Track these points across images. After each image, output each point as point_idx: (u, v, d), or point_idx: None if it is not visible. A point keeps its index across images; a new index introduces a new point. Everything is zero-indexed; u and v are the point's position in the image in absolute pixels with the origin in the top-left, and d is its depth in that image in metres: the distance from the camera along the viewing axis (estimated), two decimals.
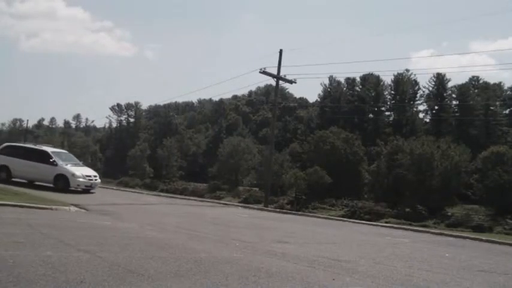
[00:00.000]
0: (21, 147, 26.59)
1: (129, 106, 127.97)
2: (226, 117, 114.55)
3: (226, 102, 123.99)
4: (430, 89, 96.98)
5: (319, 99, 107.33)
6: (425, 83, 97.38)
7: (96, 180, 24.78)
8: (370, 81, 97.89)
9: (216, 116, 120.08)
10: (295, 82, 33.33)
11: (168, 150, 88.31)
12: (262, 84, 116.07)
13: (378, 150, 69.07)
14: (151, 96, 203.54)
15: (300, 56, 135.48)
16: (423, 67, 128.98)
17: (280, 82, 33.63)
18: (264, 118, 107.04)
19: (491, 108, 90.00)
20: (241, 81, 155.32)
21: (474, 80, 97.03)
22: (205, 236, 12.82)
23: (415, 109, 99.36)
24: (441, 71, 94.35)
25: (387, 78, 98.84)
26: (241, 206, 28.22)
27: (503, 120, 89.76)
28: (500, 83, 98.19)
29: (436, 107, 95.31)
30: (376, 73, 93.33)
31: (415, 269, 9.38)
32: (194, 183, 78.04)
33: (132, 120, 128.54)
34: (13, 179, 24.76)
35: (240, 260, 9.12)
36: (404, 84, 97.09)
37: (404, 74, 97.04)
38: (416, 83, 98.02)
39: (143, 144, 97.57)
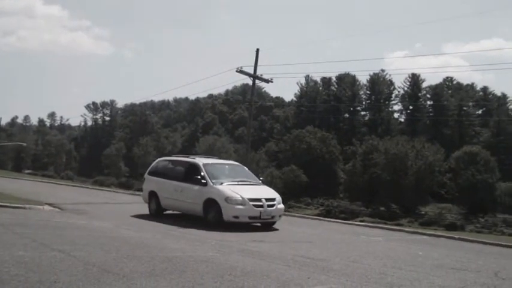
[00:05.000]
0: (172, 161, 18.69)
1: (104, 104, 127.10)
2: (203, 116, 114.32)
3: (203, 101, 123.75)
4: (405, 89, 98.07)
5: (295, 99, 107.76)
6: (400, 83, 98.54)
7: (271, 206, 15.21)
8: (346, 81, 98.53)
9: (192, 114, 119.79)
10: (271, 81, 33.37)
11: (144, 149, 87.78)
12: (238, 84, 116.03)
13: (354, 149, 69.51)
14: (127, 95, 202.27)
15: (276, 56, 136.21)
16: (398, 67, 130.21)
17: (257, 81, 33.64)
18: (241, 117, 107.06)
19: (464, 108, 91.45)
20: (218, 80, 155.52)
21: (448, 80, 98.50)
22: (181, 234, 12.80)
23: (390, 109, 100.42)
24: (416, 71, 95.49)
25: (363, 78, 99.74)
26: None
27: (476, 120, 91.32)
28: (473, 84, 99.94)
29: (411, 107, 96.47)
30: (352, 73, 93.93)
31: (389, 267, 9.48)
32: None
33: (107, 118, 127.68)
34: (166, 212, 17.48)
35: (216, 258, 9.13)
36: (379, 84, 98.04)
37: (379, 74, 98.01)
38: (391, 83, 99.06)
39: (119, 143, 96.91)
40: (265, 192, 16.09)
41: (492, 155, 58.72)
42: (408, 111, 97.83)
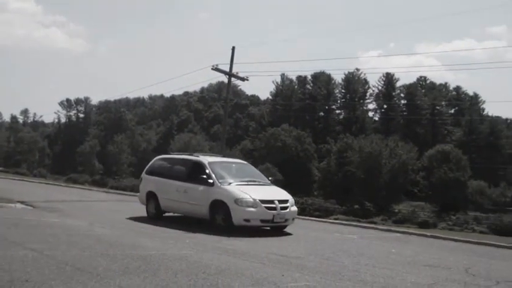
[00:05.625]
0: (173, 159, 17.29)
1: (78, 101, 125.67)
2: (178, 114, 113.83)
3: (178, 99, 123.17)
4: (380, 88, 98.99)
5: (270, 97, 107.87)
6: (374, 82, 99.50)
7: (285, 209, 14.01)
8: (321, 79, 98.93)
9: (168, 112, 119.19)
10: (247, 79, 33.38)
11: (119, 146, 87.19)
12: (214, 81, 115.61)
13: (328, 147, 69.94)
14: (101, 91, 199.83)
15: (252, 54, 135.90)
16: (373, 67, 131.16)
17: (233, 79, 33.66)
18: (216, 115, 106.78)
19: (437, 108, 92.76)
20: (194, 78, 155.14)
21: (421, 80, 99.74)
22: (154, 232, 12.75)
23: (364, 108, 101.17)
24: (390, 70, 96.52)
25: (338, 77, 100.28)
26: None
27: (448, 119, 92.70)
28: (446, 83, 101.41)
29: (385, 106, 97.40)
30: (327, 72, 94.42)
31: (362, 265, 9.58)
32: None
33: (81, 115, 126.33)
34: (166, 214, 16.15)
35: (190, 256, 9.12)
36: (354, 83, 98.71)
37: (354, 73, 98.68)
38: (366, 82, 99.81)
39: (93, 140, 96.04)
40: (277, 193, 14.88)
41: (464, 154, 59.67)
42: (382, 110, 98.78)
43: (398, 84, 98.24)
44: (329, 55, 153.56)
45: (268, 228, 14.35)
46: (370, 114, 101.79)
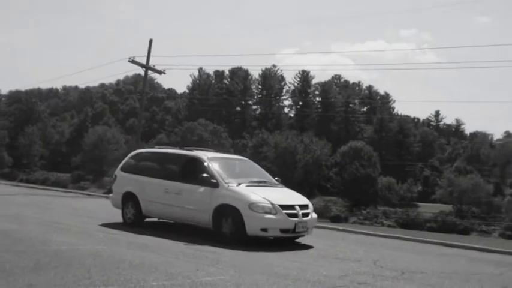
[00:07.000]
0: (159, 154, 14.25)
1: None
2: (93, 106, 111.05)
3: (93, 91, 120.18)
4: (295, 85, 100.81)
5: (187, 91, 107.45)
6: (291, 79, 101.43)
7: (306, 216, 11.84)
8: (239, 75, 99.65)
9: (82, 104, 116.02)
10: (164, 73, 33.12)
11: (30, 138, 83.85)
12: (131, 74, 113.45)
13: (244, 142, 70.51)
14: (12, 81, 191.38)
15: (170, 47, 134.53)
16: (289, 64, 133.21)
17: (149, 72, 33.28)
18: (132, 108, 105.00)
19: (351, 105, 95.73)
20: (110, 70, 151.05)
21: (336, 78, 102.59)
22: (67, 227, 12.41)
23: (280, 104, 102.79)
24: (306, 68, 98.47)
25: (255, 73, 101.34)
26: (105, 197, 27.55)
27: (361, 117, 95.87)
28: (359, 82, 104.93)
29: (301, 103, 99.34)
30: (245, 67, 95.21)
31: (275, 258, 9.75)
32: (57, 173, 74.70)
33: None
34: (148, 219, 13.74)
35: (104, 251, 8.97)
36: (271, 79, 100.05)
37: (271, 70, 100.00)
38: (282, 78, 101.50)
39: (2, 131, 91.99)
40: (295, 196, 12.51)
41: (374, 151, 61.80)
42: (298, 107, 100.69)
43: (313, 81, 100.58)
44: (247, 51, 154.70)
45: (278, 235, 11.80)
46: (286, 110, 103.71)
